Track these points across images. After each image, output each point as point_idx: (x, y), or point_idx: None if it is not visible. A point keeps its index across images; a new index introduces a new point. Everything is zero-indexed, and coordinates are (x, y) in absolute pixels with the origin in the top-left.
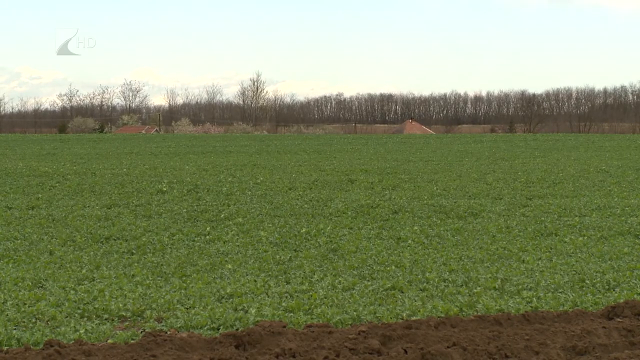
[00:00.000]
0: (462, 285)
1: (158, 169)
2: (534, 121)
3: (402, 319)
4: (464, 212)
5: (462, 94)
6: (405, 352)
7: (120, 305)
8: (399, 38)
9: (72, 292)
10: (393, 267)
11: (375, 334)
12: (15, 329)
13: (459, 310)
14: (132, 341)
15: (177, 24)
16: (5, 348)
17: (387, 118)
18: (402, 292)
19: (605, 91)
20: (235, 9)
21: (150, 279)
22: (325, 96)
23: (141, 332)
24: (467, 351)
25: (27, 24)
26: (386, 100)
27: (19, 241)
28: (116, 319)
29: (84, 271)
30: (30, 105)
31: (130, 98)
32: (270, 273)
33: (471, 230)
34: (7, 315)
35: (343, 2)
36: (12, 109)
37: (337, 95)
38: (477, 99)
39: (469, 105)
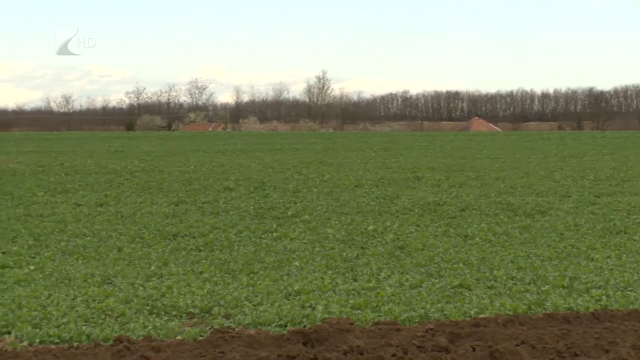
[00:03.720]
0: (530, 283)
1: (225, 166)
2: (602, 118)
3: (469, 316)
4: (532, 209)
5: (528, 91)
6: (474, 350)
7: (189, 302)
8: (466, 35)
9: (140, 288)
10: (460, 265)
11: (443, 331)
12: (85, 325)
13: (527, 309)
14: (201, 338)
15: (245, 22)
16: (75, 344)
17: (453, 115)
18: (470, 290)
19: None
20: (302, 7)
21: (218, 276)
22: (391, 93)
23: (209, 328)
24: (535, 349)
25: (98, 22)
26: (452, 97)
27: (89, 238)
28: (184, 315)
29: (152, 268)
30: (99, 103)
31: (197, 96)
32: (337, 270)
33: (539, 228)
34: (77, 311)
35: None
36: (81, 106)
37: (403, 92)
38: (544, 96)
39: (536, 103)
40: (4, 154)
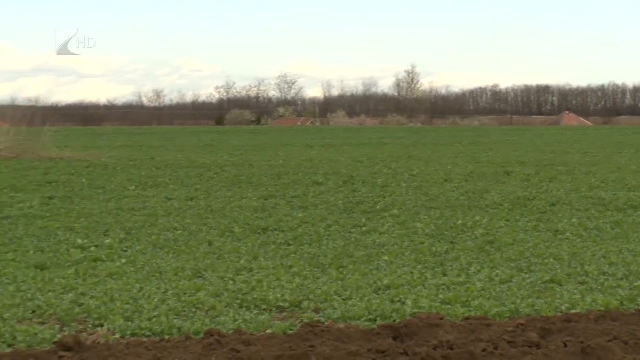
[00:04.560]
0: (622, 279)
1: (314, 161)
2: None
3: (561, 312)
4: (624, 204)
5: (620, 84)
6: (565, 345)
7: (278, 295)
8: (556, 28)
9: (231, 282)
10: (551, 260)
11: (534, 327)
12: (176, 319)
13: (620, 304)
14: (291, 331)
15: (335, 17)
16: (166, 337)
17: (543, 110)
18: (561, 286)
19: None
20: (393, 2)
21: (308, 270)
22: (480, 87)
23: (299, 322)
24: (628, 345)
25: (188, 18)
26: (542, 91)
27: (179, 232)
28: (274, 309)
29: (242, 262)
30: (189, 97)
31: (286, 90)
32: (426, 265)
33: (631, 223)
34: (168, 304)
35: None
36: (172, 101)
37: (492, 86)
38: (636, 90)
39: (628, 97)
40: (96, 148)
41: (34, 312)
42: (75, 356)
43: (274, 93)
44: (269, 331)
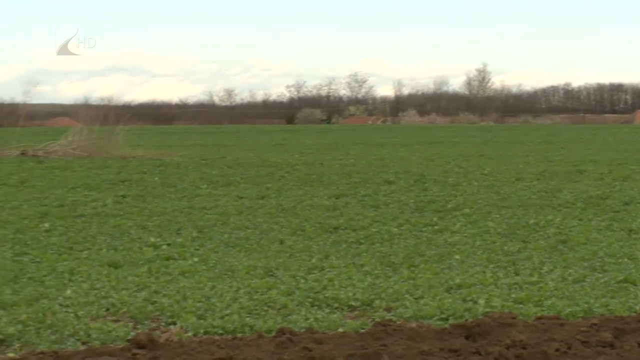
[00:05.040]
0: None
1: (385, 160)
2: None
3: (635, 312)
4: None
5: None
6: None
7: (350, 294)
8: (629, 26)
9: (302, 281)
10: (625, 260)
11: (608, 327)
12: (248, 317)
13: None
14: (362, 330)
15: (407, 15)
16: (239, 335)
17: (616, 108)
18: (635, 285)
19: None
20: (464, 0)
21: (379, 268)
22: (552, 86)
23: (371, 321)
24: None
25: (260, 17)
26: (615, 89)
27: (250, 230)
28: (346, 308)
29: (313, 260)
30: (260, 96)
31: (357, 89)
32: (498, 264)
33: None
34: (240, 303)
35: None
36: (242, 100)
37: (564, 85)
38: None
39: None
40: (168, 147)
41: (107, 309)
42: (149, 354)
43: (344, 92)
44: (340, 330)
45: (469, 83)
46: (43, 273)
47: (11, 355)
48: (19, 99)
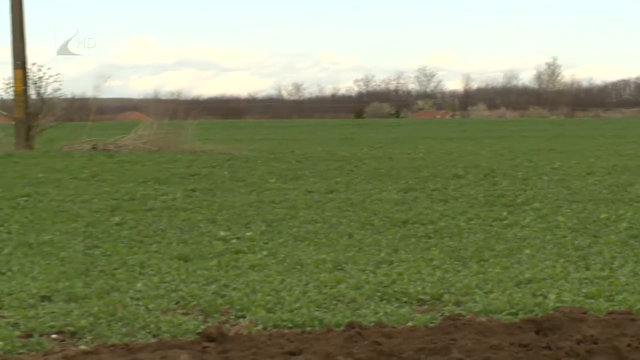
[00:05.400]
0: None
1: (454, 154)
2: None
3: None
4: None
5: None
6: None
7: (419, 288)
8: None
9: (371, 275)
10: None
11: None
12: (317, 311)
13: None
14: (431, 324)
15: (476, 8)
16: (308, 329)
17: None
18: None
19: None
20: None
21: (448, 263)
22: (623, 79)
23: (440, 315)
24: None
25: (329, 12)
26: None
27: (319, 224)
28: (415, 302)
29: (382, 254)
30: (328, 90)
31: (425, 83)
32: (569, 259)
33: None
34: (309, 296)
35: None
36: (311, 94)
37: (636, 78)
38: None
39: None
40: (237, 141)
41: (177, 302)
42: (219, 347)
43: (413, 86)
44: (409, 324)
45: (538, 77)
46: (114, 266)
47: (83, 347)
48: (89, 93)
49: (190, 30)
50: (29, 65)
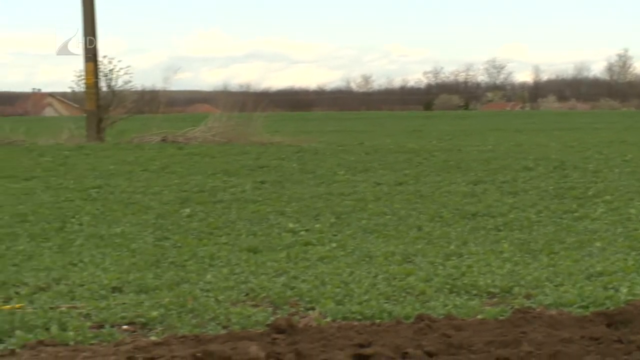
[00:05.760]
0: None
1: (523, 146)
2: None
3: None
4: None
5: None
6: None
7: (489, 281)
8: None
9: (440, 267)
10: None
11: None
12: (386, 303)
13: None
14: (501, 317)
15: (546, 0)
16: (377, 321)
17: None
18: None
19: None
20: None
21: (518, 255)
22: None
23: (510, 308)
24: None
25: (397, 2)
26: None
27: (388, 216)
28: (484, 295)
29: (451, 247)
30: (397, 82)
31: (495, 75)
32: None
33: None
34: (378, 288)
35: None
36: (380, 86)
37: None
38: None
39: None
40: (306, 133)
41: (247, 294)
42: (288, 338)
43: (482, 78)
44: (479, 317)
45: (609, 68)
46: (184, 258)
47: (154, 338)
48: (160, 86)
49: (259, 22)
50: (100, 58)
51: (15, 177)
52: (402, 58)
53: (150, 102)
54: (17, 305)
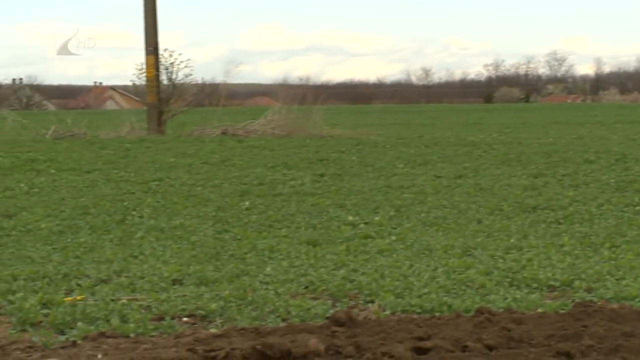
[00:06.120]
0: None
1: (584, 139)
2: None
3: None
4: None
5: None
6: None
7: (549, 274)
8: None
9: (500, 260)
10: None
11: None
12: (446, 296)
13: None
14: (562, 311)
15: None
16: (437, 314)
17: None
18: None
19: None
20: None
21: (579, 249)
22: None
23: (571, 302)
24: None
25: None
26: None
27: (448, 209)
28: (545, 288)
29: (512, 240)
30: (457, 75)
31: (556, 67)
32: None
33: None
34: (437, 282)
35: None
36: (440, 79)
37: None
38: None
39: None
40: (365, 126)
41: (306, 287)
42: (348, 331)
43: (543, 70)
44: (539, 310)
45: None
46: (244, 250)
47: (214, 330)
48: (220, 79)
49: (319, 15)
50: (161, 51)
51: (77, 170)
52: (462, 51)
53: (211, 95)
54: (78, 297)
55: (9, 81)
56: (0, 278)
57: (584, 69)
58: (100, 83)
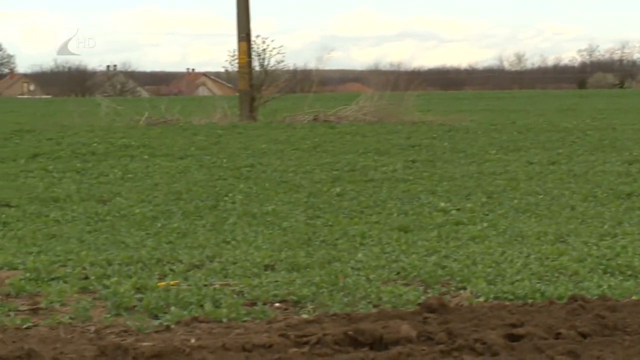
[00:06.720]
0: None
1: None
2: None
3: None
4: None
5: None
6: None
7: None
8: None
9: (594, 247)
10: None
11: None
12: (539, 283)
13: None
14: None
15: None
16: (529, 301)
17: None
18: None
19: None
20: None
21: None
22: None
23: None
24: None
25: None
26: None
27: (541, 196)
28: (639, 275)
29: (605, 227)
30: (551, 61)
31: None
32: None
33: None
34: (530, 268)
35: None
36: (533, 65)
37: None
38: None
39: None
40: (457, 112)
41: (398, 273)
42: (439, 318)
43: (638, 56)
44: (634, 298)
45: None
46: (335, 236)
47: (305, 316)
48: (312, 65)
49: (411, 1)
50: (253, 38)
51: (170, 156)
52: (556, 36)
53: (303, 81)
54: (172, 282)
55: (103, 68)
56: (95, 263)
57: None
58: (193, 70)
